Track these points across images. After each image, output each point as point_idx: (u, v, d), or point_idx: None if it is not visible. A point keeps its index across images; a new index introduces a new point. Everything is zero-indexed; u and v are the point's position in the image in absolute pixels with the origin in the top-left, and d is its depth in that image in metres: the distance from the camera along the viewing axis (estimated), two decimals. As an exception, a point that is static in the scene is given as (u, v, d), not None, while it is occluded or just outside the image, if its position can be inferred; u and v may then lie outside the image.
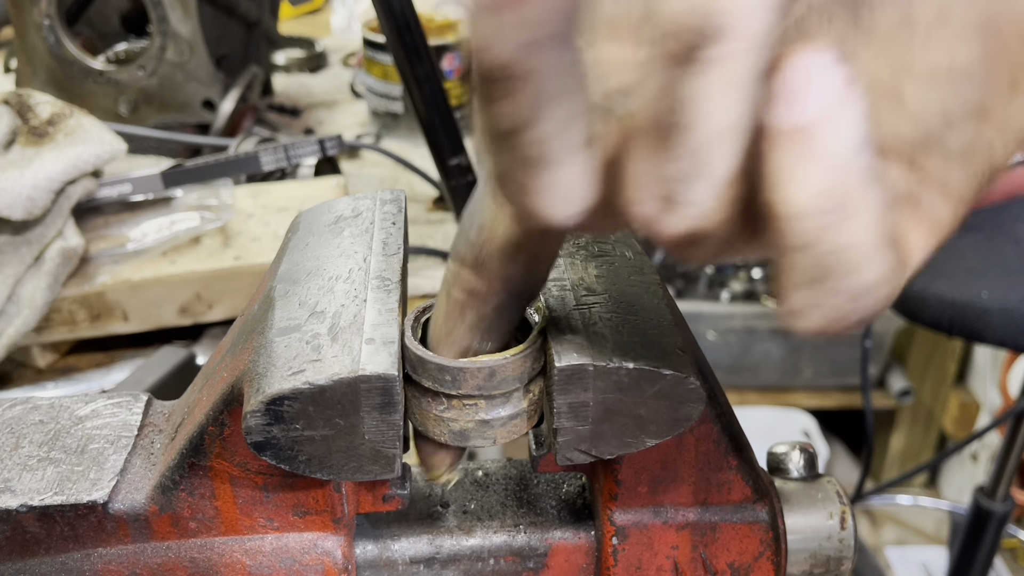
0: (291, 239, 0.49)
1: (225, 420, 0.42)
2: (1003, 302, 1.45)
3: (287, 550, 0.46)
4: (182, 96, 1.20)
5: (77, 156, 0.86)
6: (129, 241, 0.93)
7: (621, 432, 0.39)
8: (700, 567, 0.46)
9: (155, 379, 0.80)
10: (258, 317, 0.43)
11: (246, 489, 0.45)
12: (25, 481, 0.44)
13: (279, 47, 1.66)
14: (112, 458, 0.46)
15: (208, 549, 0.46)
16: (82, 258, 0.90)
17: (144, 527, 0.45)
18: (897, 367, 2.52)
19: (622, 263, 0.46)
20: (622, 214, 0.25)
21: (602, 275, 0.44)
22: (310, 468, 0.39)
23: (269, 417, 0.37)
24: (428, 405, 0.39)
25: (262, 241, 0.96)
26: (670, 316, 0.42)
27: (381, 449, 0.39)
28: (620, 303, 0.42)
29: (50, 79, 1.18)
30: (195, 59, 1.17)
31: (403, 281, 0.44)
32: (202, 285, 0.91)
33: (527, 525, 0.48)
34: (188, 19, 1.15)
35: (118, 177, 0.95)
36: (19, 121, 0.90)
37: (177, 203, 0.98)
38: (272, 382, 0.37)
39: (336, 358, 0.38)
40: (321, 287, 0.43)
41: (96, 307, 0.89)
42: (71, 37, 1.17)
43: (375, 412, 0.38)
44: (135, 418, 0.49)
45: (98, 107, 1.18)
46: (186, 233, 0.94)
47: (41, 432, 0.48)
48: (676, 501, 0.45)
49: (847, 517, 0.47)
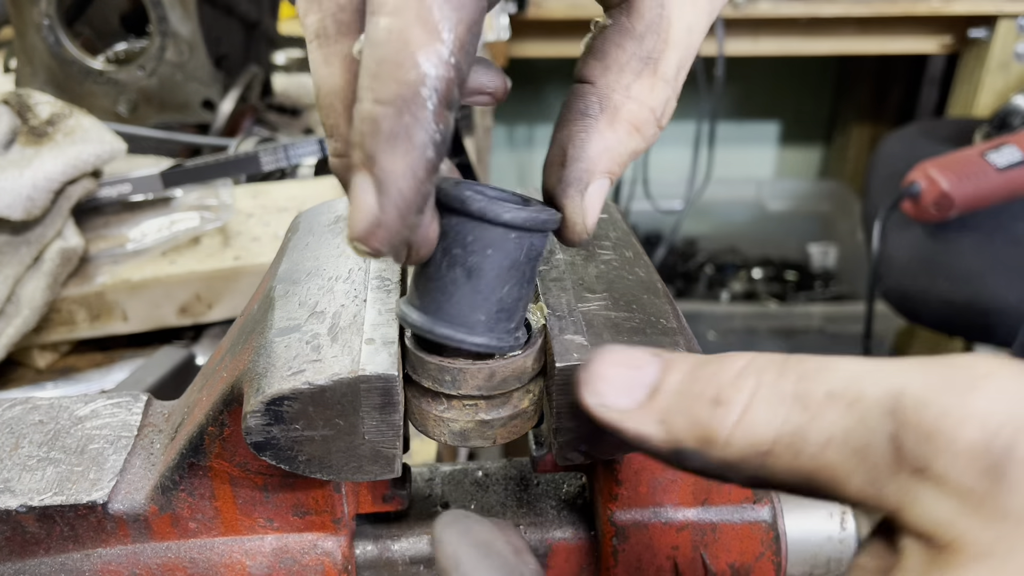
0: (291, 239, 0.49)
1: (225, 420, 0.42)
2: (1003, 302, 1.45)
3: (287, 550, 0.46)
4: (182, 96, 1.19)
5: (77, 156, 0.86)
6: (129, 241, 0.93)
7: (621, 432, 0.39)
8: (700, 567, 0.46)
9: (155, 379, 0.80)
10: (258, 317, 0.43)
11: (246, 489, 0.45)
12: (25, 481, 0.44)
13: (279, 47, 1.66)
14: (112, 458, 0.46)
15: (208, 549, 0.46)
16: (82, 258, 0.90)
17: (144, 527, 0.45)
18: (897, 367, 2.52)
19: (622, 263, 0.46)
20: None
21: (602, 275, 0.44)
22: (310, 468, 0.39)
23: (269, 417, 0.37)
24: (428, 405, 0.39)
25: (262, 241, 0.95)
26: (670, 316, 0.42)
27: (381, 449, 0.39)
28: (620, 303, 0.42)
29: (50, 79, 1.18)
30: (195, 59, 1.17)
31: (403, 281, 0.44)
32: (202, 285, 0.91)
33: (527, 525, 0.48)
34: (188, 19, 1.15)
35: (118, 177, 0.95)
36: (19, 121, 0.89)
37: (177, 203, 0.98)
38: (272, 382, 0.37)
39: (336, 358, 0.38)
40: (321, 287, 0.43)
41: (96, 307, 0.89)
42: (71, 37, 1.17)
43: (375, 412, 0.38)
44: (135, 418, 0.49)
45: (98, 107, 1.18)
46: (186, 233, 0.94)
47: (41, 432, 0.48)
48: (676, 501, 0.45)
49: (847, 518, 0.47)
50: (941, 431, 0.23)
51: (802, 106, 2.91)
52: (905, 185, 1.51)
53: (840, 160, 2.86)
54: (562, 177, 0.35)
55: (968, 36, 2.04)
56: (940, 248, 1.54)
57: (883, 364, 0.26)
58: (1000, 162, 1.49)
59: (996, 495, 0.22)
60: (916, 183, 1.49)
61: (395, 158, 0.28)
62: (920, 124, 1.97)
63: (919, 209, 1.50)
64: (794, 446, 0.26)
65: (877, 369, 0.25)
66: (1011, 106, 1.66)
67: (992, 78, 2.01)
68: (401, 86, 0.27)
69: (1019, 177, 1.49)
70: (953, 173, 1.47)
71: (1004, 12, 1.96)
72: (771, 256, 2.71)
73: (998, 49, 1.99)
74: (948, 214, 1.49)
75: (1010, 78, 2.02)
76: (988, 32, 2.00)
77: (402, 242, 0.29)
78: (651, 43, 0.34)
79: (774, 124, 2.96)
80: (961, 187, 1.46)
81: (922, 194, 1.49)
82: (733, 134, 2.80)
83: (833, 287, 2.59)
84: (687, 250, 2.73)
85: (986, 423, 0.22)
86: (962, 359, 0.24)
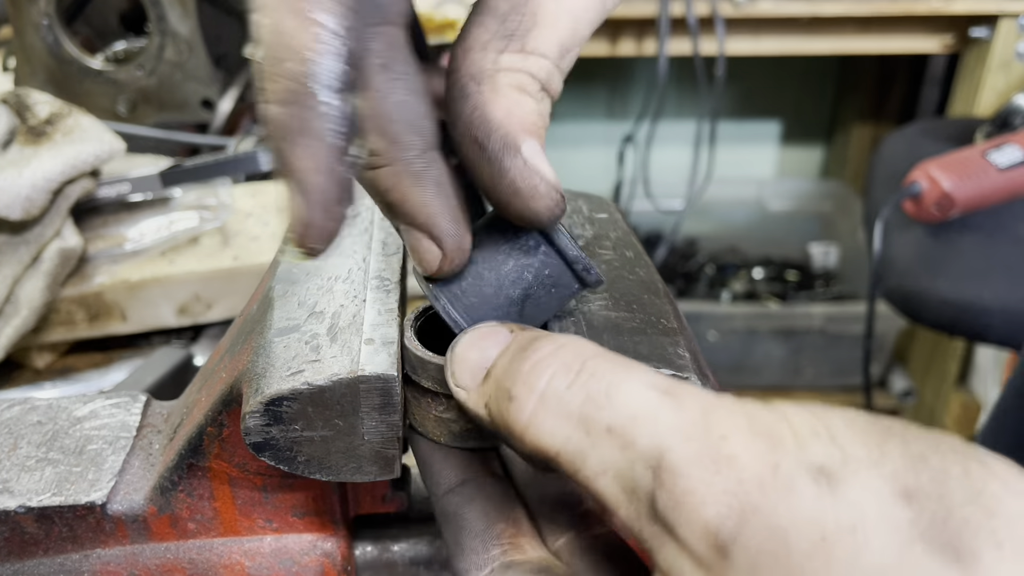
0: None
1: (224, 421, 0.42)
2: (1005, 302, 1.45)
3: (286, 551, 0.46)
4: (181, 95, 1.19)
5: (75, 156, 0.86)
6: (127, 241, 0.93)
7: (622, 433, 0.38)
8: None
9: (153, 379, 0.79)
10: (257, 317, 0.43)
11: (245, 490, 0.44)
12: (23, 482, 0.44)
13: (279, 47, 1.66)
14: (110, 459, 0.46)
15: (207, 550, 0.46)
16: (80, 258, 0.89)
17: (143, 528, 0.45)
18: (899, 367, 2.51)
19: (622, 263, 0.46)
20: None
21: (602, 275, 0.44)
22: (309, 469, 0.39)
23: (268, 418, 0.37)
24: (428, 406, 0.39)
25: (261, 241, 0.95)
26: (671, 316, 0.42)
27: (380, 450, 0.39)
28: (620, 303, 0.41)
29: (48, 78, 1.18)
30: (194, 58, 1.17)
31: (403, 281, 0.44)
32: (200, 285, 0.91)
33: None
34: (187, 18, 1.14)
35: (116, 177, 0.94)
36: (17, 120, 0.89)
37: (175, 203, 0.98)
38: (271, 383, 0.37)
39: (335, 358, 0.38)
40: (320, 287, 0.43)
41: (94, 307, 0.89)
42: (70, 36, 1.17)
43: (374, 413, 0.38)
44: (133, 419, 0.48)
45: (96, 106, 1.18)
46: (184, 233, 0.94)
47: (39, 433, 0.47)
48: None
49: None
50: (686, 505, 0.25)
51: (803, 106, 2.91)
52: (906, 185, 1.51)
53: (841, 160, 2.85)
54: (490, 156, 0.33)
55: (969, 35, 2.04)
56: (941, 248, 1.53)
57: (662, 407, 0.27)
58: (1002, 162, 1.49)
59: (721, 569, 0.25)
60: (917, 183, 1.49)
61: (301, 155, 0.28)
62: (921, 124, 1.97)
63: (920, 209, 1.50)
64: (574, 464, 0.29)
65: (652, 417, 0.27)
66: (1012, 106, 1.66)
67: (993, 77, 2.01)
68: (287, 81, 0.27)
69: (1021, 177, 1.48)
70: (954, 173, 1.47)
71: (1005, 11, 1.96)
72: (772, 256, 2.71)
73: (999, 48, 1.99)
74: (949, 214, 1.48)
75: (1011, 77, 2.01)
76: (989, 31, 2.00)
77: (332, 234, 0.29)
78: (515, 22, 0.34)
79: (775, 124, 2.96)
80: (962, 187, 1.46)
81: (923, 194, 1.49)
82: (734, 134, 2.79)
83: (834, 287, 2.59)
84: (688, 250, 2.73)
85: (719, 507, 0.25)
86: (719, 426, 0.26)
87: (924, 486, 0.23)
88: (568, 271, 0.36)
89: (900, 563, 0.22)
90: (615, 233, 0.49)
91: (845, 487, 0.24)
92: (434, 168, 0.34)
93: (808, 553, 0.23)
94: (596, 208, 0.52)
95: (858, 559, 0.23)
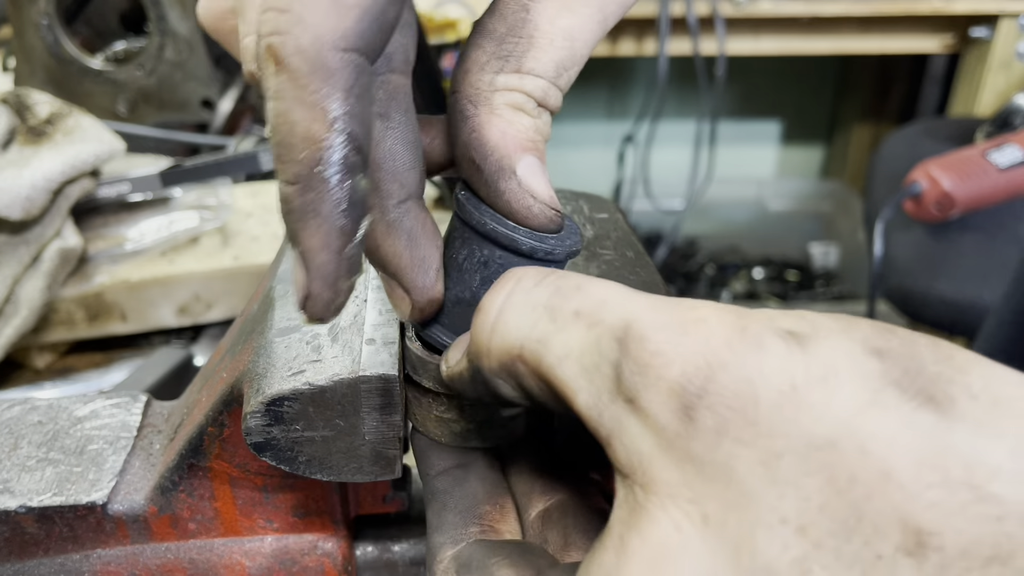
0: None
1: (225, 421, 0.42)
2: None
3: (287, 551, 0.46)
4: (181, 95, 1.19)
5: (75, 156, 0.86)
6: (127, 241, 0.93)
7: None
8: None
9: (154, 380, 0.79)
10: (258, 317, 0.43)
11: (245, 490, 0.44)
12: (24, 482, 0.44)
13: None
14: (111, 459, 0.46)
15: (207, 550, 0.46)
16: (80, 258, 0.89)
17: (143, 528, 0.45)
18: (898, 367, 2.52)
19: (623, 263, 0.46)
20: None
21: (603, 275, 0.44)
22: (310, 469, 0.39)
23: (269, 418, 0.37)
24: (429, 406, 0.39)
25: (261, 241, 0.95)
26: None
27: (381, 450, 0.39)
28: (622, 303, 0.41)
29: (48, 78, 1.18)
30: (194, 58, 1.17)
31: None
32: (201, 285, 0.91)
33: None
34: (187, 18, 1.14)
35: (116, 177, 0.94)
36: (17, 120, 0.89)
37: (176, 203, 0.98)
38: (272, 383, 0.37)
39: (336, 359, 0.38)
40: (321, 287, 0.43)
41: (94, 307, 0.89)
42: (69, 36, 1.17)
43: (375, 413, 0.38)
44: (134, 419, 0.48)
45: (96, 106, 1.18)
46: (185, 233, 0.94)
47: (40, 433, 0.47)
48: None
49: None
50: (652, 366, 0.25)
51: (803, 105, 2.91)
52: (907, 185, 1.51)
53: (841, 159, 2.86)
54: (486, 179, 0.35)
55: (970, 35, 2.04)
56: (942, 248, 1.53)
57: (629, 294, 0.28)
58: (1002, 162, 1.49)
59: (686, 437, 0.24)
60: (918, 183, 1.49)
61: (310, 234, 0.29)
62: (921, 123, 1.97)
63: (921, 209, 1.50)
64: (537, 353, 0.28)
65: (622, 298, 0.28)
66: (1013, 105, 1.66)
67: (994, 77, 2.01)
68: (297, 166, 0.29)
69: (1021, 177, 1.48)
70: (955, 173, 1.47)
71: (1006, 11, 1.96)
72: (772, 256, 2.71)
73: (1000, 48, 1.99)
74: (950, 214, 1.48)
75: (1012, 77, 2.01)
76: (990, 31, 2.00)
77: (338, 307, 0.31)
78: (512, 44, 0.35)
79: (775, 123, 2.96)
80: (963, 187, 1.46)
81: (924, 194, 1.49)
82: (734, 133, 2.79)
83: (834, 287, 2.59)
84: (688, 250, 2.73)
85: (686, 366, 0.24)
86: (689, 303, 0.26)
87: (895, 347, 0.23)
88: (531, 262, 0.36)
89: (872, 406, 0.22)
90: (616, 233, 0.49)
91: (815, 346, 0.24)
92: (408, 219, 0.35)
93: (777, 403, 0.23)
94: (597, 208, 0.52)
95: (829, 405, 0.22)
